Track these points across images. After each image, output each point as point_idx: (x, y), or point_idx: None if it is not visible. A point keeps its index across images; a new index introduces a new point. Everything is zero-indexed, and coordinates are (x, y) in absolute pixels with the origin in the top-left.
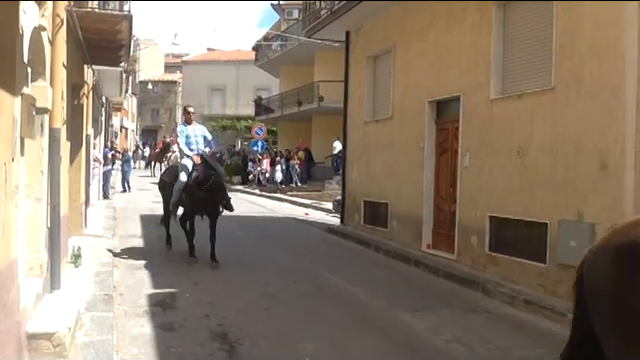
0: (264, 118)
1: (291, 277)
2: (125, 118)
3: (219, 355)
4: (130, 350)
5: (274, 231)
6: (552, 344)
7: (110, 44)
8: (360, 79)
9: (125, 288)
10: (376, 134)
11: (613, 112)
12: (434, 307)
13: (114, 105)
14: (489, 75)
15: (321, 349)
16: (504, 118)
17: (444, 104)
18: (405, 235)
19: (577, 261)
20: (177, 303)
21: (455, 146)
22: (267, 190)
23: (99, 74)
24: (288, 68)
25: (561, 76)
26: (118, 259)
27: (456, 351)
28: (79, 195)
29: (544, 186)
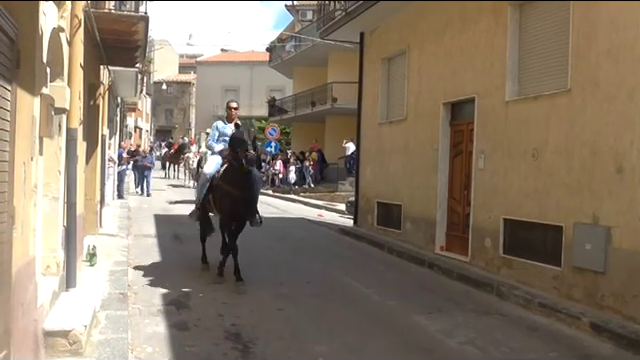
0: (278, 119)
1: (304, 277)
2: (139, 118)
3: (232, 354)
4: (145, 349)
5: (287, 232)
6: (566, 348)
7: (126, 45)
8: (374, 80)
9: (139, 287)
10: (390, 135)
11: (629, 115)
12: (448, 309)
13: (129, 105)
14: (504, 77)
15: (334, 350)
16: (519, 120)
17: (459, 106)
18: (418, 237)
19: (592, 264)
20: (191, 302)
21: (470, 148)
22: (280, 191)
23: (115, 74)
24: (302, 69)
25: (577, 78)
26: (132, 258)
27: (470, 353)
28: (94, 194)
29: (559, 189)
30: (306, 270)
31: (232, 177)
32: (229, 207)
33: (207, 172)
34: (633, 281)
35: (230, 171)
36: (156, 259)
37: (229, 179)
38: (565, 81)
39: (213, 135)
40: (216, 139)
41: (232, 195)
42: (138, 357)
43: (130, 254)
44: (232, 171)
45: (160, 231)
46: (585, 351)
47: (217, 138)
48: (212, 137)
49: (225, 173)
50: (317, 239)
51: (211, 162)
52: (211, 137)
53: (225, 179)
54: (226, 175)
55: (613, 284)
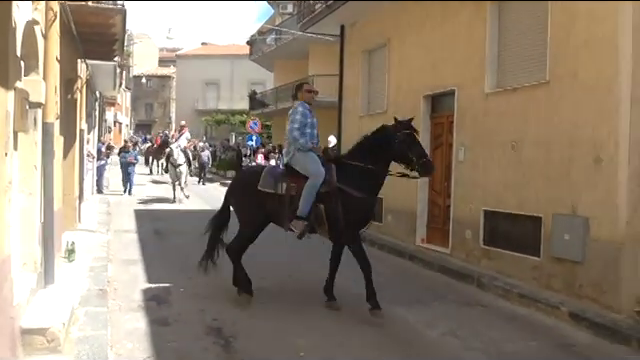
0: (259, 112)
1: (286, 271)
2: (119, 113)
3: (214, 349)
4: (125, 345)
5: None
6: (545, 337)
7: (104, 38)
8: (355, 73)
9: (119, 283)
10: (371, 128)
11: (607, 106)
12: (428, 301)
13: (108, 100)
14: (484, 69)
15: (316, 343)
16: (499, 112)
17: (439, 98)
18: (400, 229)
19: (570, 255)
20: (172, 298)
21: (450, 140)
22: None
23: (93, 68)
24: (283, 62)
25: (556, 70)
26: (112, 254)
27: (450, 344)
28: (73, 190)
29: (538, 180)
30: (288, 264)
31: (360, 179)
32: (359, 216)
33: (317, 173)
34: (610, 271)
35: (353, 172)
36: (136, 254)
37: (356, 182)
38: (544, 73)
39: (299, 124)
40: (300, 131)
41: (363, 201)
42: (118, 354)
43: (110, 250)
44: (359, 172)
45: (140, 226)
46: (564, 340)
47: (304, 127)
48: (298, 127)
49: (348, 175)
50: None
51: (313, 162)
52: (296, 127)
53: (349, 182)
54: (351, 177)
55: (591, 274)
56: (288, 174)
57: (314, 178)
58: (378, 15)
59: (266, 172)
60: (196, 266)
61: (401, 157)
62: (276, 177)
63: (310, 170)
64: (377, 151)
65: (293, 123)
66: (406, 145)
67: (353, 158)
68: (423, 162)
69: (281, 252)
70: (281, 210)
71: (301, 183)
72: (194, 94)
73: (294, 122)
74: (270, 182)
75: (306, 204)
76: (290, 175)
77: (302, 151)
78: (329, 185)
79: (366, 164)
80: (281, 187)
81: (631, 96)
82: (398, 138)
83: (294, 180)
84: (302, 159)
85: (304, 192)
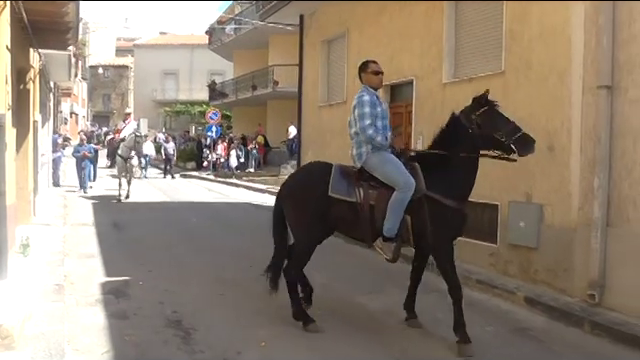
0: (218, 103)
1: (247, 262)
2: (75, 104)
3: (174, 342)
4: (82, 340)
5: (230, 216)
6: (502, 321)
7: (57, 26)
8: (314, 63)
9: (77, 277)
10: (331, 118)
11: (560, 96)
12: (389, 289)
13: (63, 90)
14: (441, 59)
15: (276, 333)
16: (456, 102)
17: (397, 88)
18: None
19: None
20: (131, 291)
21: (408, 130)
22: (222, 176)
23: (46, 58)
24: (242, 52)
25: (511, 60)
26: (69, 248)
27: (410, 331)
28: (27, 183)
29: (495, 168)
30: (249, 254)
31: (447, 181)
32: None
33: (406, 184)
34: (564, 256)
35: (438, 172)
36: (94, 248)
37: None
38: (499, 63)
39: (370, 118)
40: (370, 122)
41: (456, 211)
42: (75, 349)
43: (66, 244)
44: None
45: (98, 219)
46: (520, 324)
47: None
48: (370, 123)
49: (433, 177)
50: (261, 223)
51: (395, 168)
52: (368, 123)
53: (436, 186)
54: (437, 180)
55: (545, 259)
56: (364, 177)
57: (403, 191)
58: (337, 5)
59: (337, 172)
60: (157, 259)
61: (488, 143)
62: (350, 180)
63: (396, 180)
64: (456, 146)
65: (363, 119)
66: (488, 126)
67: (431, 159)
68: (518, 138)
69: (242, 243)
70: (356, 221)
71: (381, 190)
72: (153, 84)
73: (364, 117)
74: (343, 186)
75: (395, 222)
76: (367, 179)
77: (378, 152)
78: (417, 191)
79: (452, 164)
80: (358, 193)
81: (583, 86)
82: (474, 122)
83: (372, 185)
84: (380, 164)
85: (391, 207)
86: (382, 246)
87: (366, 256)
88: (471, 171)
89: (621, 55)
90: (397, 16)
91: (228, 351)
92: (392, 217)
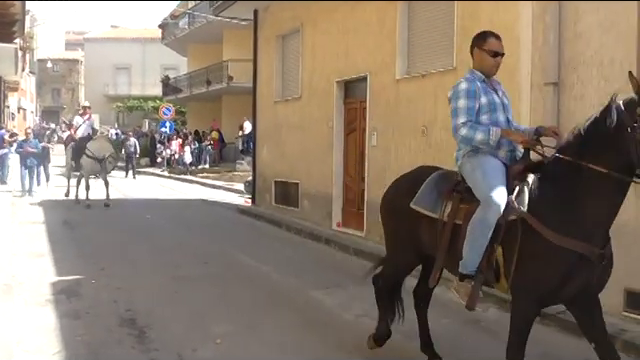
0: (172, 98)
1: (202, 259)
2: (23, 98)
3: (128, 341)
4: (32, 341)
5: (184, 213)
6: (456, 314)
7: (2, 19)
8: (269, 58)
9: (26, 277)
10: (286, 114)
11: (510, 92)
12: (344, 284)
13: (10, 84)
14: (395, 55)
15: (232, 330)
16: (409, 98)
17: (352, 84)
18: (316, 214)
19: None
20: (83, 290)
21: (363, 125)
22: (176, 172)
23: None
24: (196, 47)
25: (462, 57)
26: (17, 247)
27: (366, 325)
28: None
29: (448, 163)
30: (203, 251)
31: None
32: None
33: (490, 197)
34: None
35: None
36: (44, 247)
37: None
38: (451, 60)
39: (466, 114)
40: (475, 117)
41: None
42: (25, 350)
43: (15, 242)
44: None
45: (48, 217)
46: (473, 316)
47: (476, 114)
48: (464, 121)
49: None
50: (215, 220)
51: (487, 174)
52: (462, 122)
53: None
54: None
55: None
56: (460, 187)
57: (484, 208)
58: (291, 0)
59: (433, 180)
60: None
61: None
62: (443, 190)
63: (480, 191)
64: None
65: (456, 116)
66: None
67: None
68: None
69: (197, 240)
70: (436, 245)
71: (473, 206)
72: (104, 79)
73: (457, 113)
74: (431, 197)
75: (473, 252)
76: (464, 189)
77: (475, 155)
78: (509, 211)
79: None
80: (442, 208)
81: (531, 82)
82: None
83: (466, 198)
84: (471, 170)
85: (470, 231)
86: (457, 287)
87: (318, 251)
88: (613, 196)
89: (567, 52)
90: (350, 12)
91: (183, 349)
92: (469, 245)
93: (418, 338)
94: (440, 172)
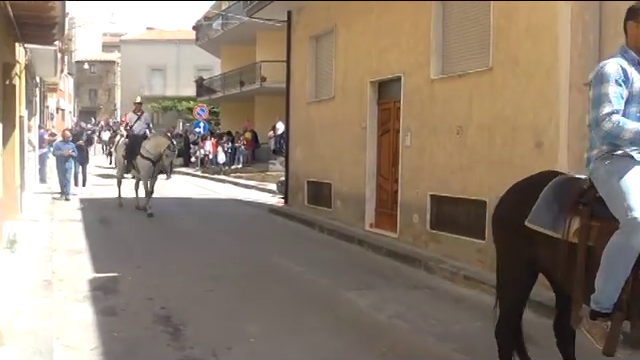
0: (206, 99)
1: (235, 258)
2: (61, 99)
3: (163, 338)
4: (71, 336)
5: (218, 213)
6: (489, 317)
7: (42, 22)
8: (302, 59)
9: (65, 273)
10: (319, 114)
11: (547, 92)
12: (377, 285)
13: (49, 86)
14: (429, 55)
15: (266, 329)
16: (444, 98)
17: (385, 84)
18: (348, 215)
19: None
20: (119, 287)
21: (397, 126)
22: (210, 172)
23: (32, 53)
24: (230, 48)
25: (498, 57)
26: (57, 244)
27: (399, 327)
28: (13, 179)
29: (483, 164)
30: (237, 250)
31: None
32: None
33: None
34: None
35: None
36: (82, 244)
37: None
38: (487, 60)
39: (614, 103)
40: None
41: None
42: (64, 345)
43: (54, 239)
44: None
45: (86, 215)
46: None
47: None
48: (610, 112)
49: None
50: (248, 219)
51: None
52: (606, 112)
53: None
54: None
55: None
56: (589, 197)
57: (624, 231)
58: (325, 1)
59: (552, 189)
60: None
61: None
62: (563, 205)
63: (618, 209)
64: None
65: (598, 105)
66: None
67: None
68: None
69: (230, 240)
70: (561, 272)
71: (610, 224)
72: (139, 80)
73: (599, 101)
74: (551, 211)
75: (610, 286)
76: (594, 201)
77: (616, 158)
78: None
79: None
80: (566, 226)
81: (570, 82)
82: None
83: (597, 214)
84: (607, 177)
85: (605, 259)
86: (589, 327)
87: (351, 251)
88: None
89: (607, 52)
90: (385, 12)
91: (218, 347)
92: (605, 276)
93: (453, 339)
94: (561, 178)
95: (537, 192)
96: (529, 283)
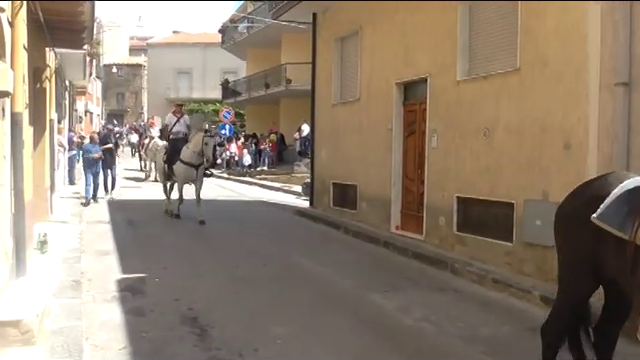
0: (232, 101)
1: (261, 260)
2: (90, 102)
3: (190, 339)
4: (100, 336)
5: (244, 214)
6: (518, 321)
7: (72, 26)
8: (327, 61)
9: (93, 274)
10: (344, 116)
11: (577, 92)
12: (403, 287)
13: (78, 89)
14: (455, 56)
15: (292, 331)
16: (471, 99)
17: (411, 86)
18: (374, 216)
19: (542, 240)
20: (146, 288)
21: (423, 127)
22: (235, 173)
23: (62, 57)
24: (255, 50)
25: (526, 57)
26: (85, 245)
27: (425, 330)
28: (44, 181)
29: (510, 166)
30: (263, 252)
31: None
32: None
33: None
34: None
35: None
36: (110, 245)
37: None
38: (515, 60)
39: None
40: None
41: None
42: (93, 344)
43: (83, 241)
44: None
45: (114, 217)
46: (536, 323)
47: None
48: None
49: None
50: (273, 221)
51: None
52: None
53: None
54: None
55: None
56: None
57: None
58: (350, 2)
59: (624, 191)
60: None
61: None
62: (634, 206)
63: None
64: None
65: None
66: None
67: None
68: None
69: (256, 241)
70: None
71: None
72: (166, 83)
73: None
74: (621, 210)
75: None
76: None
77: None
78: None
79: None
80: (635, 228)
81: (600, 82)
82: None
83: None
84: None
85: None
86: None
87: (376, 253)
88: None
89: (638, 51)
90: (410, 13)
91: (244, 348)
92: None
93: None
94: (635, 180)
95: (607, 190)
96: (590, 285)
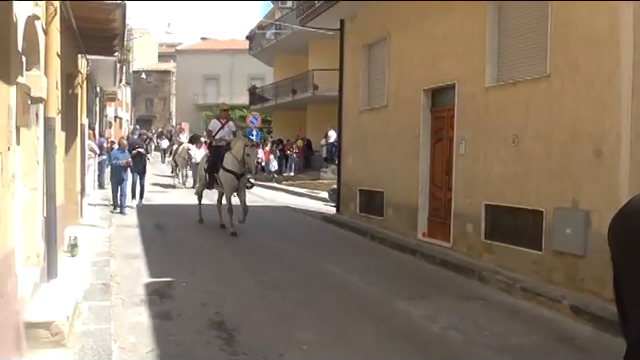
0: (259, 107)
1: (287, 265)
2: (119, 108)
3: (217, 343)
4: (128, 339)
5: (270, 220)
6: (547, 330)
7: (104, 33)
8: (355, 67)
9: (122, 277)
10: (371, 123)
11: (608, 99)
12: (430, 295)
13: (108, 95)
14: (484, 63)
15: (318, 337)
16: (499, 106)
17: (439, 92)
18: (401, 223)
19: (572, 248)
20: (174, 292)
21: (450, 134)
22: (262, 179)
23: (93, 64)
24: (282, 57)
25: (556, 64)
26: (115, 248)
27: (453, 338)
28: (75, 185)
29: (539, 174)
30: (289, 258)
31: None
32: None
33: None
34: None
35: None
36: (138, 249)
37: None
38: (544, 67)
39: None
40: None
41: None
42: (121, 347)
43: (112, 244)
44: None
45: (142, 221)
46: (565, 333)
47: None
48: None
49: None
50: (300, 227)
51: None
52: None
53: None
54: None
55: (593, 267)
56: None
57: None
58: (378, 9)
59: None
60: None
61: None
62: None
63: None
64: None
65: None
66: None
67: None
68: None
69: (283, 247)
70: None
71: None
72: (194, 89)
73: None
74: None
75: None
76: None
77: None
78: None
79: None
80: None
81: (632, 88)
82: None
83: None
84: None
85: None
86: None
87: (403, 261)
88: None
89: None
90: (439, 19)
91: (270, 353)
92: None
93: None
94: None
95: None
96: None
